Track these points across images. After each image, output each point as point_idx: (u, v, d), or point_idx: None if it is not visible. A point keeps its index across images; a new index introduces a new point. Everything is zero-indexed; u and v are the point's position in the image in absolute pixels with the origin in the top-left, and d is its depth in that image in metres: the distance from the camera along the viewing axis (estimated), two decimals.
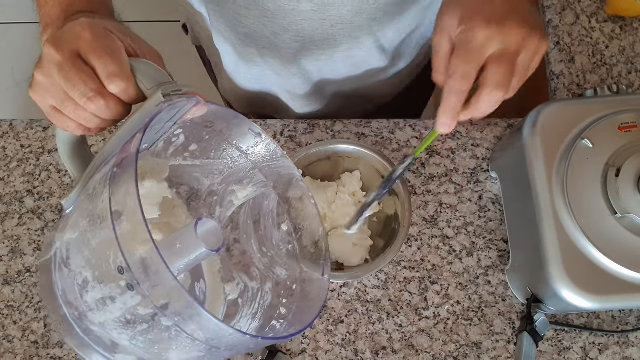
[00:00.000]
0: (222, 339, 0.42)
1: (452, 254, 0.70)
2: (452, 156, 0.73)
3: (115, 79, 0.43)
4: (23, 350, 0.68)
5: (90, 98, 0.43)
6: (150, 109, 0.44)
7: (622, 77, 0.76)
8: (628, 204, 0.57)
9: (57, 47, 0.43)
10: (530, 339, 0.62)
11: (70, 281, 0.44)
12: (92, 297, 0.43)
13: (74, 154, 0.50)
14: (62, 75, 0.43)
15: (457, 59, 0.46)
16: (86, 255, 0.43)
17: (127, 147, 0.42)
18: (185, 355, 0.45)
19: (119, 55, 0.44)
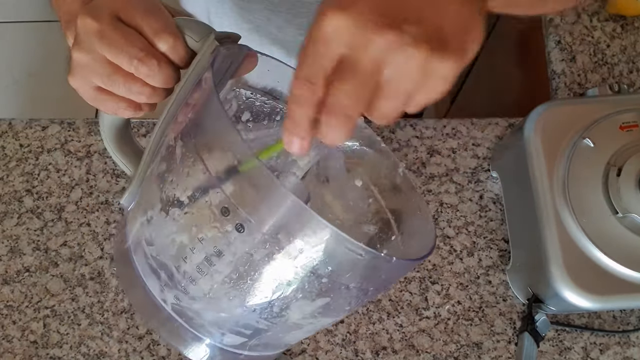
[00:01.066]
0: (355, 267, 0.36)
1: (452, 254, 0.70)
2: (453, 155, 0.73)
3: (163, 34, 0.39)
4: (22, 350, 0.68)
5: (141, 59, 0.39)
6: (205, 58, 0.40)
7: (624, 76, 0.76)
8: (629, 203, 0.57)
9: (94, 15, 0.39)
10: (531, 339, 0.62)
11: (161, 260, 0.40)
12: (194, 261, 0.38)
13: (121, 142, 0.47)
14: (104, 43, 0.39)
15: (301, 51, 0.33)
16: (177, 217, 0.39)
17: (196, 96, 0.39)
18: (309, 306, 0.40)
19: (162, 11, 0.41)
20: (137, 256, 0.43)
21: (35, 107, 1.76)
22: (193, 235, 0.38)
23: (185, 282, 0.40)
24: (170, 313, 0.41)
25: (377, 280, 0.41)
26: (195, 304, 0.41)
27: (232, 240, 0.37)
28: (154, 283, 0.42)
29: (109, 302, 0.69)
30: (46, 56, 1.81)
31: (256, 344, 0.44)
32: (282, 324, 0.41)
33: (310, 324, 0.43)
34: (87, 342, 0.68)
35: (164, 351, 0.67)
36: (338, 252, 0.36)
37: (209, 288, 0.39)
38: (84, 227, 0.72)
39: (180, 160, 0.39)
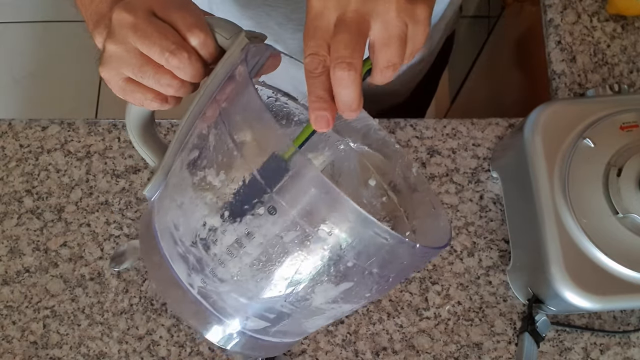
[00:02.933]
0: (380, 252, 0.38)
1: (452, 254, 0.70)
2: (453, 156, 0.73)
3: (195, 29, 0.41)
4: (22, 351, 0.68)
5: (173, 51, 0.40)
6: (235, 54, 0.41)
7: (624, 76, 0.76)
8: (629, 203, 0.57)
9: (129, 10, 0.41)
10: (531, 339, 0.62)
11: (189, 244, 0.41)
12: (224, 243, 0.40)
13: (146, 135, 0.48)
14: (138, 35, 0.41)
15: (304, 34, 0.39)
16: (210, 201, 0.40)
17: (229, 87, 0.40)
18: (333, 291, 0.41)
19: (195, 9, 0.42)
20: (165, 242, 0.44)
21: (35, 107, 1.76)
22: (225, 218, 0.39)
23: (214, 264, 0.41)
24: (197, 297, 0.42)
25: (398, 267, 0.42)
26: (222, 287, 0.42)
27: (264, 223, 0.38)
28: (181, 267, 0.43)
29: (108, 303, 0.69)
30: (46, 56, 1.81)
31: (277, 330, 0.45)
32: (305, 308, 0.42)
33: (331, 309, 0.43)
34: (87, 343, 0.68)
35: (164, 351, 0.67)
36: (365, 236, 0.37)
37: (237, 270, 0.40)
38: (83, 228, 0.71)
39: (214, 147, 0.40)
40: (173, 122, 0.75)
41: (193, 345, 0.67)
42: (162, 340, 0.68)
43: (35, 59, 1.82)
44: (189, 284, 0.43)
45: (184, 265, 0.43)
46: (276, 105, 0.52)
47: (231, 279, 0.41)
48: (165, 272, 0.44)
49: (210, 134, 0.41)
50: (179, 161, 0.45)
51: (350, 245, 0.38)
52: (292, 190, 0.37)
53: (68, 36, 1.78)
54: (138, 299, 0.69)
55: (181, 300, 0.43)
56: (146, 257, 0.46)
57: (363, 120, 0.52)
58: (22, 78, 1.79)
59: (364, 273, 0.40)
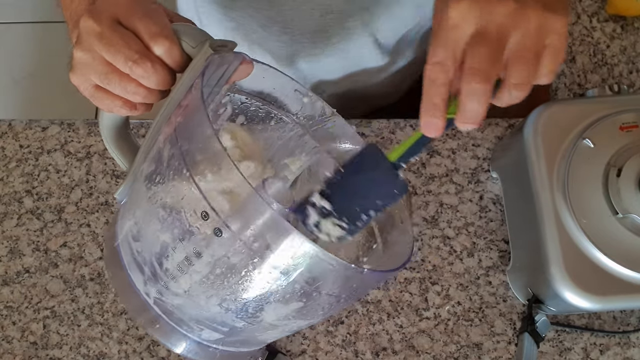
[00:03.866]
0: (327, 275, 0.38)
1: (452, 255, 0.70)
2: (453, 156, 0.73)
3: (159, 38, 0.41)
4: (22, 351, 0.68)
5: (136, 61, 0.41)
6: (199, 64, 0.42)
7: (623, 76, 0.76)
8: (629, 204, 0.57)
9: (95, 18, 0.41)
10: (531, 339, 0.62)
11: (145, 256, 0.42)
12: (175, 260, 0.40)
13: (119, 140, 0.48)
14: (103, 43, 0.41)
15: (432, 42, 0.38)
16: (162, 217, 0.41)
17: (186, 102, 0.40)
18: (283, 309, 0.41)
19: (160, 15, 0.42)
20: (124, 250, 0.44)
21: (35, 107, 1.76)
22: (175, 236, 0.40)
23: (167, 278, 0.42)
24: (152, 307, 0.43)
25: (349, 289, 0.43)
26: (175, 300, 0.42)
27: (210, 243, 0.38)
28: (138, 277, 0.43)
29: (108, 303, 0.69)
30: (46, 57, 1.81)
31: (233, 340, 0.46)
32: (257, 324, 0.43)
33: (285, 324, 0.44)
34: (86, 343, 0.68)
35: (164, 352, 0.67)
36: (312, 262, 0.38)
37: (188, 286, 0.41)
38: (83, 228, 0.71)
39: (167, 163, 0.41)
40: None
41: None
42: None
43: (35, 60, 1.82)
44: (145, 293, 0.43)
45: (141, 275, 0.43)
46: (250, 111, 0.52)
47: (183, 293, 0.41)
48: (125, 282, 0.44)
49: (165, 148, 0.41)
50: (140, 171, 0.45)
51: (297, 270, 0.38)
52: (239, 215, 0.37)
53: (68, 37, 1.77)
54: None
55: (139, 308, 0.44)
56: (108, 265, 0.46)
57: (341, 127, 0.53)
58: (22, 79, 1.79)
59: (312, 294, 0.40)
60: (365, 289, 0.45)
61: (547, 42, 0.37)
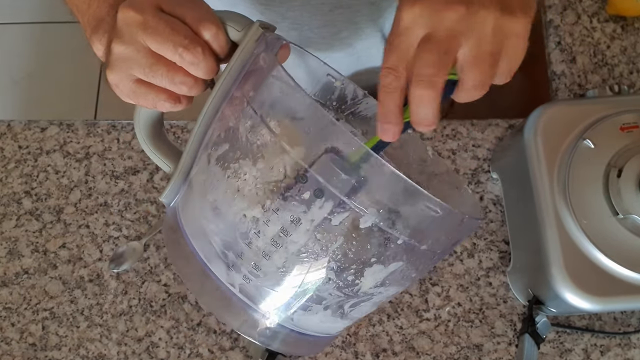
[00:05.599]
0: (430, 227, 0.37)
1: (452, 255, 0.70)
2: (453, 157, 0.73)
3: (206, 22, 0.40)
4: (21, 353, 0.67)
5: (186, 46, 0.39)
6: (249, 46, 0.40)
7: (624, 77, 0.76)
8: (630, 204, 0.57)
9: (136, 8, 0.40)
10: (531, 340, 0.62)
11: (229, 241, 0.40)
12: (267, 235, 0.38)
13: (156, 140, 0.46)
14: (148, 32, 0.39)
15: (386, 47, 0.38)
16: (248, 193, 0.39)
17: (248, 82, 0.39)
18: (382, 273, 0.39)
19: (202, 1, 0.41)
20: (199, 244, 0.42)
21: (34, 108, 1.76)
22: (267, 208, 0.38)
23: (257, 258, 0.39)
24: (239, 296, 0.41)
25: (444, 242, 0.42)
26: (266, 281, 0.40)
27: (310, 207, 0.36)
28: (219, 267, 0.41)
29: (107, 304, 0.69)
30: (45, 57, 1.81)
31: (321, 321, 0.43)
32: (353, 294, 0.41)
33: (379, 293, 0.42)
34: (86, 345, 0.68)
35: (163, 353, 0.67)
36: (415, 210, 0.36)
37: (283, 260, 0.39)
38: (82, 229, 0.71)
39: (247, 137, 0.39)
40: (172, 123, 0.75)
41: (192, 347, 0.67)
42: (162, 342, 0.68)
43: (34, 60, 1.82)
44: (229, 283, 0.41)
45: (223, 264, 0.41)
46: None
47: (277, 271, 0.39)
48: (202, 276, 0.42)
49: (241, 125, 0.40)
50: (204, 158, 0.43)
51: (401, 222, 0.37)
52: (338, 170, 0.36)
53: (67, 37, 1.77)
54: (137, 301, 0.69)
55: (222, 301, 0.42)
56: (178, 264, 0.44)
57: (373, 108, 0.51)
58: (20, 79, 1.78)
59: (413, 250, 0.39)
60: (455, 243, 0.44)
61: (505, 44, 0.36)
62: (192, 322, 0.68)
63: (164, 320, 0.68)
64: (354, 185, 0.36)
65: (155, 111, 0.46)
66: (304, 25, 0.68)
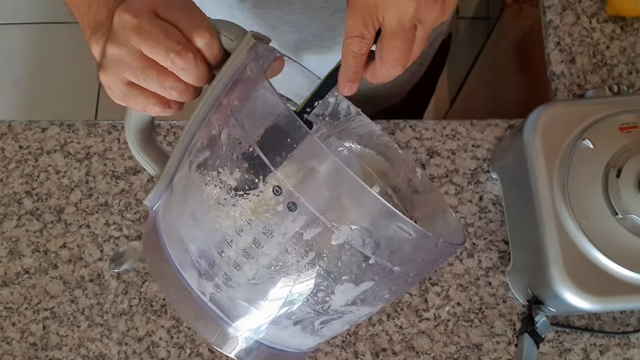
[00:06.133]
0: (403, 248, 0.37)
1: (452, 255, 0.70)
2: (453, 157, 0.73)
3: (200, 29, 0.40)
4: (22, 352, 0.68)
5: (179, 52, 0.39)
6: (242, 55, 0.41)
7: (623, 77, 0.76)
8: (629, 204, 0.57)
9: (132, 12, 0.40)
10: (531, 340, 0.62)
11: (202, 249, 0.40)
12: (241, 245, 0.38)
13: (145, 143, 0.47)
14: (142, 37, 0.40)
15: (351, 16, 0.42)
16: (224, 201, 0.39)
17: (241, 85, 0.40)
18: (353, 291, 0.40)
19: (198, 9, 0.42)
20: (173, 250, 0.43)
21: (35, 108, 1.76)
22: (241, 217, 0.38)
23: (228, 268, 0.40)
24: (208, 304, 0.41)
25: (419, 264, 0.42)
26: (236, 292, 0.40)
27: (283, 220, 0.37)
28: (192, 275, 0.42)
29: (108, 304, 0.69)
30: (45, 58, 1.81)
31: (292, 337, 0.44)
32: (323, 311, 0.41)
33: (350, 312, 0.42)
34: (86, 344, 0.68)
35: (164, 353, 0.67)
36: (388, 231, 0.37)
37: (254, 272, 0.39)
38: (83, 229, 0.71)
39: (227, 146, 0.39)
40: (172, 123, 0.75)
41: (193, 347, 0.67)
42: (162, 342, 0.68)
43: (34, 61, 1.82)
44: (200, 291, 0.42)
45: (195, 272, 0.41)
46: None
47: (247, 282, 0.40)
48: (176, 282, 0.42)
49: (222, 133, 0.40)
50: (186, 164, 0.43)
51: (373, 241, 0.37)
52: (313, 185, 0.36)
53: (67, 37, 1.78)
54: (138, 300, 0.69)
55: (193, 309, 0.42)
56: (154, 268, 0.44)
57: (365, 126, 0.52)
58: (21, 79, 1.79)
59: (384, 271, 0.39)
60: (429, 267, 0.44)
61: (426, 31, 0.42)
62: None
63: (165, 319, 0.68)
64: (328, 200, 0.36)
65: (145, 115, 0.46)
66: (304, 29, 0.68)
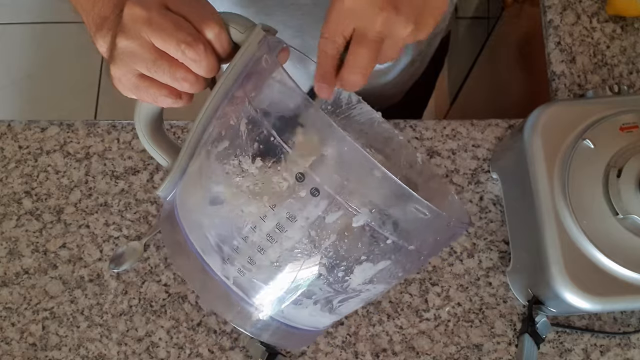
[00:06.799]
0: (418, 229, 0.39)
1: (452, 255, 0.70)
2: (453, 157, 0.73)
3: (210, 22, 0.41)
4: (21, 353, 0.68)
5: (190, 43, 0.40)
6: (252, 47, 0.42)
7: (623, 77, 0.76)
8: (629, 204, 0.57)
9: (141, 5, 0.41)
10: (531, 340, 0.62)
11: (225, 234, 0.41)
12: (265, 229, 0.40)
13: (156, 135, 0.47)
14: (153, 29, 0.40)
15: (327, 19, 0.42)
16: (247, 188, 0.40)
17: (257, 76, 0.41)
18: (371, 270, 0.41)
19: (207, 2, 0.42)
20: (195, 237, 0.43)
21: (34, 108, 1.76)
22: (264, 204, 0.39)
23: (252, 251, 0.41)
24: (232, 287, 0.42)
25: (431, 244, 0.44)
26: (260, 275, 0.41)
27: (306, 205, 0.38)
28: (215, 260, 0.42)
29: (108, 304, 0.69)
30: (45, 58, 1.81)
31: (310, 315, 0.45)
32: (342, 290, 0.43)
33: (367, 290, 0.44)
34: (86, 345, 0.68)
35: (163, 353, 0.67)
36: (405, 212, 0.38)
37: (278, 255, 0.40)
38: (83, 229, 0.71)
39: (247, 135, 0.40)
40: (172, 123, 0.75)
41: (192, 347, 0.67)
42: (162, 342, 0.68)
43: (34, 60, 1.82)
44: (224, 275, 0.42)
45: (218, 257, 0.42)
46: None
47: (270, 265, 0.41)
48: (198, 268, 0.43)
49: (241, 124, 0.41)
50: (203, 154, 0.44)
51: (391, 222, 0.38)
52: (335, 171, 0.37)
53: (67, 37, 1.78)
54: (137, 301, 0.69)
55: (216, 292, 0.43)
56: (174, 255, 0.45)
57: (367, 113, 0.52)
58: (21, 79, 1.79)
59: (401, 250, 0.40)
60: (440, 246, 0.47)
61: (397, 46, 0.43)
62: (192, 322, 0.68)
63: (164, 320, 0.68)
64: (349, 185, 0.38)
65: (155, 107, 0.46)
66: (305, 34, 0.69)
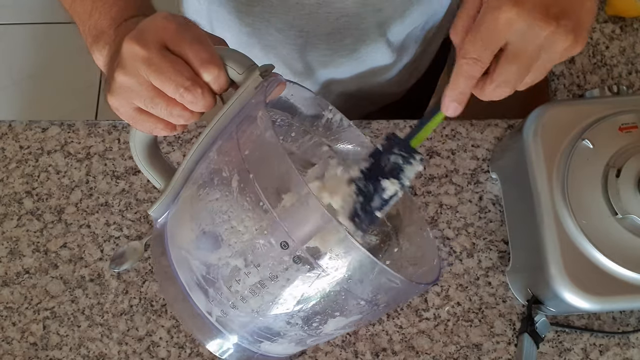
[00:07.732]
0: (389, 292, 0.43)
1: (452, 255, 0.70)
2: (452, 157, 0.73)
3: (209, 65, 0.41)
4: (22, 352, 0.68)
5: (188, 88, 0.41)
6: (249, 91, 0.43)
7: (623, 77, 0.76)
8: (629, 204, 0.57)
9: (141, 43, 0.41)
10: (530, 340, 0.62)
11: (211, 279, 0.43)
12: (248, 283, 0.42)
13: (151, 158, 0.49)
14: (151, 69, 0.41)
15: (472, 38, 0.40)
16: (234, 244, 0.42)
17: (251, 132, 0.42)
18: (343, 322, 0.44)
19: (207, 42, 0.42)
20: (182, 271, 0.45)
21: (35, 108, 1.76)
22: (249, 262, 0.41)
23: (235, 299, 0.43)
24: (214, 324, 0.45)
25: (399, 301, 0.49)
26: (241, 318, 0.44)
27: (289, 269, 0.40)
28: (199, 297, 0.45)
29: (108, 304, 0.69)
30: (46, 58, 1.81)
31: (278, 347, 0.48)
32: (315, 334, 0.46)
33: (337, 332, 0.47)
34: (86, 344, 0.68)
35: (164, 353, 0.67)
36: (379, 281, 0.41)
37: (258, 306, 0.42)
38: (83, 229, 0.72)
39: (238, 193, 0.42)
40: None
41: (193, 347, 0.68)
42: (162, 342, 0.68)
43: (35, 61, 1.82)
44: (207, 312, 0.45)
45: (202, 295, 0.44)
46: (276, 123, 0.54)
47: (251, 312, 0.43)
48: (181, 297, 0.45)
49: (233, 180, 0.42)
50: (195, 190, 0.46)
51: (366, 288, 0.42)
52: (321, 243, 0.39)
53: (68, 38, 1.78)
54: (138, 300, 0.69)
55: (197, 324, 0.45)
56: (161, 279, 0.48)
57: (356, 137, 0.55)
58: (22, 79, 1.79)
59: (372, 308, 0.44)
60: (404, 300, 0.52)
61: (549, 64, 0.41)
62: None
63: (165, 319, 0.68)
64: (330, 257, 0.40)
65: None
66: (310, 34, 0.69)
